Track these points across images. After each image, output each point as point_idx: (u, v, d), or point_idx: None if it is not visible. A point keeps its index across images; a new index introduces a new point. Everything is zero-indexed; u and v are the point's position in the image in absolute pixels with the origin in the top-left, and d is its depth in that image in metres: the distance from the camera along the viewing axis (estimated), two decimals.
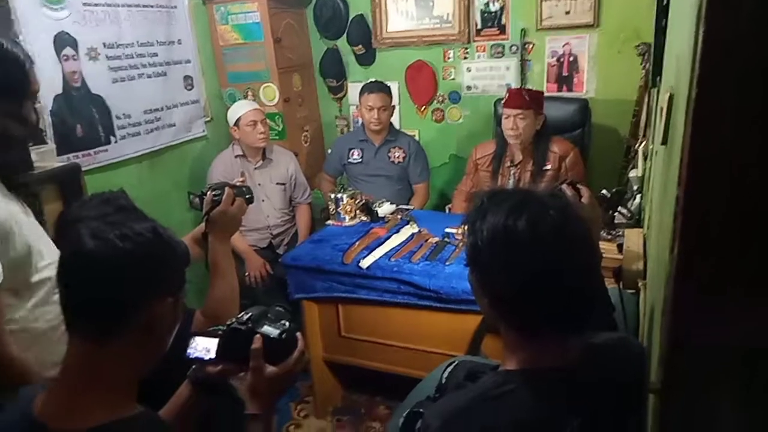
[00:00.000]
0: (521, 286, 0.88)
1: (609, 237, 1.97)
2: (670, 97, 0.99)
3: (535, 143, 2.45)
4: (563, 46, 2.92)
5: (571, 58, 2.92)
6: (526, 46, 3.00)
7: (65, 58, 2.34)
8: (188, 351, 1.06)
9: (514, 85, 3.02)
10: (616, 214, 1.97)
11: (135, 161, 2.71)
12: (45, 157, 2.09)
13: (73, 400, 0.87)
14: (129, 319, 0.86)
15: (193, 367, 1.11)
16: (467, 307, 1.89)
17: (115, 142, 2.57)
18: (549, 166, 2.44)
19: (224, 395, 1.25)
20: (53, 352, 1.15)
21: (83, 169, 2.13)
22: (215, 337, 1.06)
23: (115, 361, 0.87)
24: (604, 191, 1.87)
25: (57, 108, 2.30)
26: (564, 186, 1.22)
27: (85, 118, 2.42)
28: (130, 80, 2.64)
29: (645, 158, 2.18)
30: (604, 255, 1.75)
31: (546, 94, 2.64)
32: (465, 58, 3.17)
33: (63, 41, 2.33)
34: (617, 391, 0.95)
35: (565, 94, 2.96)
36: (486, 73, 3.14)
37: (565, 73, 2.95)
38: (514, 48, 3.03)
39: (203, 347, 1.06)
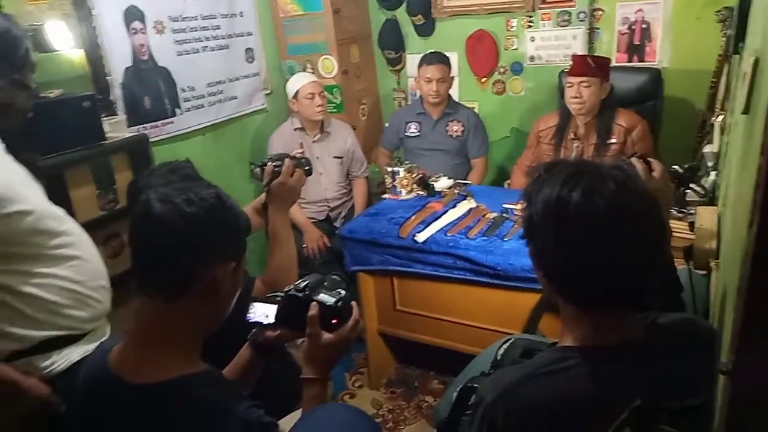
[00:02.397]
0: (575, 260, 0.85)
1: (680, 215, 1.87)
2: (755, 62, 0.91)
3: (600, 115, 2.35)
4: (635, 12, 2.76)
5: (644, 26, 2.75)
6: (595, 13, 2.85)
7: (134, 31, 2.42)
8: (248, 315, 1.10)
9: (580, 53, 2.88)
10: (688, 191, 1.86)
11: (199, 133, 2.80)
12: (116, 128, 2.20)
13: (144, 355, 0.92)
14: (193, 280, 0.90)
15: (254, 330, 1.15)
16: (525, 285, 1.85)
17: (180, 114, 2.66)
18: (614, 140, 2.33)
19: (282, 359, 1.30)
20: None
21: (150, 140, 2.23)
22: (274, 303, 1.09)
23: (182, 320, 0.92)
24: (675, 167, 1.77)
25: (126, 80, 2.40)
26: (634, 159, 1.16)
27: (152, 90, 2.52)
28: (194, 53, 2.71)
29: (722, 133, 2.04)
30: (673, 234, 1.67)
31: (615, 63, 2.50)
32: (529, 27, 3.05)
33: (132, 14, 2.41)
34: (683, 372, 0.91)
35: (635, 64, 2.80)
36: (551, 43, 3.01)
37: (636, 42, 2.79)
38: (581, 15, 2.88)
39: (262, 312, 1.10)
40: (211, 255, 0.92)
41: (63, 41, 2.14)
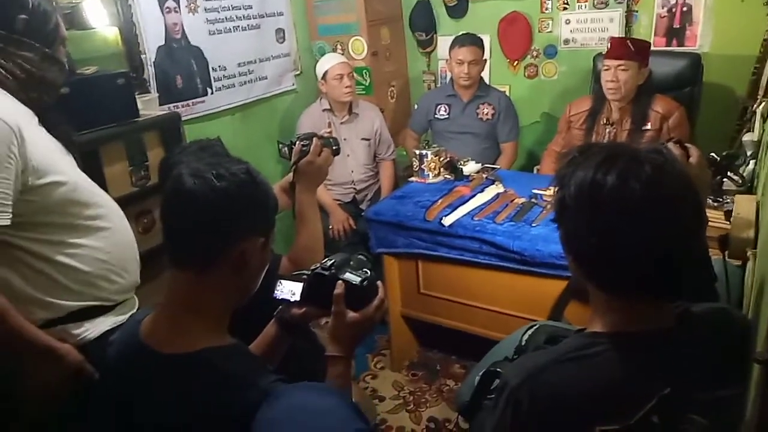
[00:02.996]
0: (608, 245, 0.83)
1: (716, 204, 1.81)
2: None
3: (636, 101, 2.28)
4: None
5: (685, 9, 2.66)
6: None
7: (167, 10, 2.45)
8: (275, 292, 1.11)
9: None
10: (725, 179, 1.80)
11: (229, 113, 2.83)
12: (149, 106, 2.23)
13: (173, 326, 0.94)
14: (223, 253, 0.92)
15: (280, 307, 1.16)
16: (552, 272, 1.83)
17: (212, 93, 2.69)
18: (649, 126, 2.27)
19: (307, 336, 1.32)
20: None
21: (182, 118, 2.25)
22: (300, 281, 1.10)
23: (211, 292, 0.94)
24: (712, 154, 1.72)
25: (159, 59, 2.43)
26: (670, 144, 1.13)
27: (184, 69, 2.54)
28: (226, 33, 2.73)
29: (764, 120, 1.97)
30: (709, 223, 1.63)
31: (653, 48, 2.43)
32: (564, 9, 2.97)
33: None
34: (714, 362, 0.89)
35: (674, 48, 2.71)
36: (586, 26, 2.94)
37: (676, 25, 2.70)
38: None
39: (289, 290, 1.11)
40: (240, 229, 0.93)
41: (99, 19, 2.18)
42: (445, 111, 2.93)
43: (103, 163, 1.84)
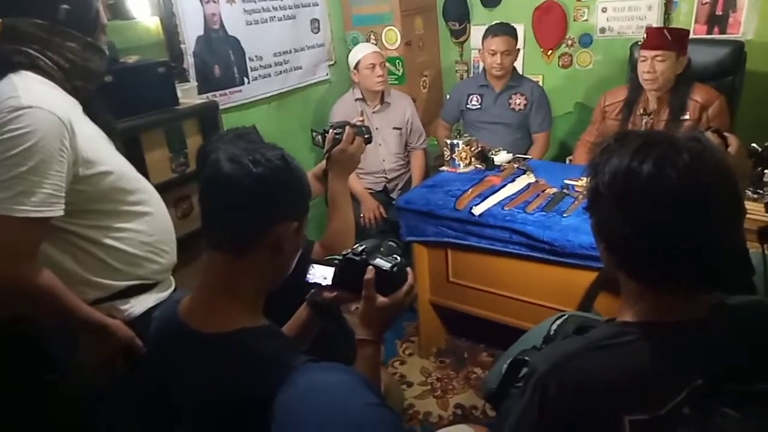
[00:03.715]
0: (641, 234, 0.82)
1: (755, 196, 1.77)
2: None
3: (674, 90, 2.23)
4: None
5: None
6: None
7: (206, 0, 2.50)
8: (308, 276, 1.14)
9: (657, 25, 2.73)
10: (766, 170, 1.76)
11: (265, 102, 2.88)
12: (188, 94, 2.30)
13: (210, 307, 0.98)
14: (259, 237, 0.95)
15: (312, 291, 1.19)
16: (582, 262, 1.82)
17: (248, 83, 2.74)
18: (687, 116, 2.21)
19: (337, 320, 1.35)
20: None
21: (220, 107, 2.31)
22: (332, 265, 1.12)
23: (247, 274, 0.97)
24: (753, 145, 1.67)
25: (198, 49, 2.49)
26: (708, 132, 1.11)
27: (222, 59, 2.60)
28: (263, 23, 2.77)
29: None
30: (747, 214, 1.59)
31: (693, 36, 2.36)
32: None
33: None
34: (749, 355, 0.87)
35: (716, 36, 2.63)
36: (624, 14, 2.88)
37: (718, 12, 2.62)
38: None
39: (321, 274, 1.13)
40: (275, 213, 0.96)
41: (141, 9, 2.24)
42: (477, 101, 2.92)
43: (144, 150, 1.91)
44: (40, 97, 1.08)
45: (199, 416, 1.00)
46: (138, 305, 1.30)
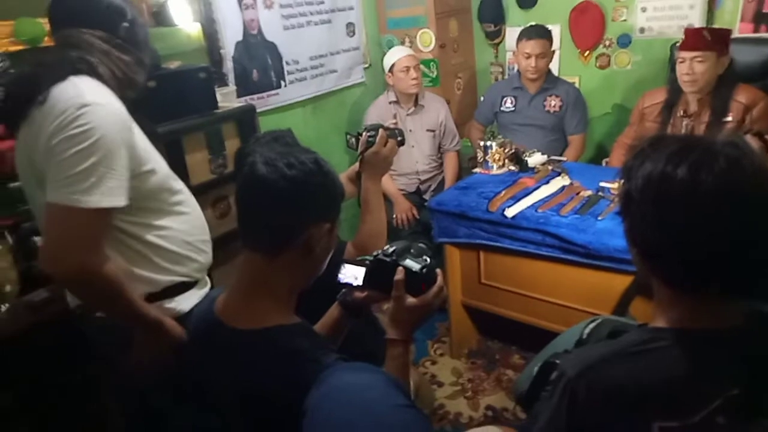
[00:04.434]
0: (675, 240, 0.81)
1: None
2: None
3: (716, 91, 2.17)
4: None
5: None
6: None
7: (245, 6, 2.57)
8: (339, 276, 1.17)
9: (698, 25, 2.67)
10: None
11: (300, 105, 2.93)
12: (227, 98, 2.37)
13: (245, 304, 1.02)
14: (292, 237, 0.98)
15: (343, 291, 1.22)
16: (617, 266, 1.79)
17: (285, 86, 2.80)
18: (730, 118, 2.15)
19: (368, 319, 1.37)
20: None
21: (257, 110, 2.37)
22: (363, 266, 1.14)
23: (280, 274, 1.01)
24: None
25: (237, 54, 2.56)
26: (748, 136, 1.08)
27: (260, 63, 2.67)
28: (300, 27, 2.83)
29: None
30: None
31: (738, 35, 2.29)
32: None
33: None
34: None
35: (762, 35, 2.55)
36: (664, 13, 2.81)
37: (765, 10, 2.53)
38: None
39: (352, 274, 1.16)
40: (308, 215, 0.99)
41: (183, 16, 2.32)
42: (512, 103, 2.90)
43: (185, 152, 1.97)
44: (102, 96, 1.16)
45: (232, 410, 1.03)
46: (183, 302, 1.35)
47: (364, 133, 1.54)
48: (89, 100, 1.12)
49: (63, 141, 1.09)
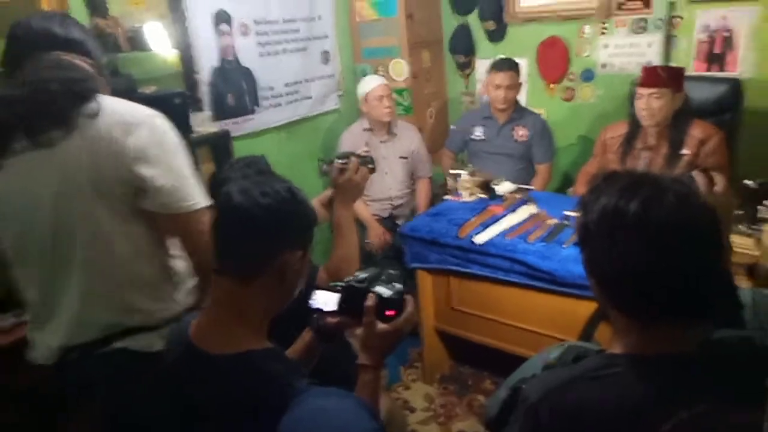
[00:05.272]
0: (628, 270, 0.86)
1: (749, 231, 1.81)
2: None
3: (673, 125, 2.29)
4: (718, 20, 2.66)
5: (726, 34, 2.65)
6: (673, 20, 2.77)
7: (221, 33, 2.61)
8: (311, 301, 1.18)
9: (656, 62, 2.81)
10: (760, 207, 1.80)
11: (275, 130, 2.96)
12: (202, 123, 2.38)
13: (218, 329, 1.03)
14: (266, 263, 1.00)
15: (315, 316, 1.23)
16: (582, 292, 1.85)
17: (259, 111, 2.83)
18: (686, 151, 2.26)
19: (339, 345, 1.38)
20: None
21: (232, 135, 2.39)
22: (335, 291, 1.15)
23: (253, 299, 1.02)
24: (748, 182, 1.72)
25: (213, 79, 2.59)
26: (695, 172, 1.15)
27: (235, 88, 2.69)
28: (275, 54, 2.88)
29: None
30: (740, 251, 1.63)
31: (693, 73, 2.42)
32: (603, 33, 3.00)
33: (220, 17, 2.60)
34: (734, 388, 0.90)
35: (714, 73, 2.70)
36: (625, 50, 2.96)
37: (717, 50, 2.69)
38: (658, 23, 2.81)
39: (323, 300, 1.17)
40: (282, 242, 1.01)
41: (159, 41, 2.34)
42: (481, 132, 2.99)
43: None
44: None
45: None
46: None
47: (336, 161, 1.57)
48: (153, 111, 1.19)
49: (166, 150, 1.18)
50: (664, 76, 2.21)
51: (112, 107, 1.16)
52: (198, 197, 1.22)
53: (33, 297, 1.26)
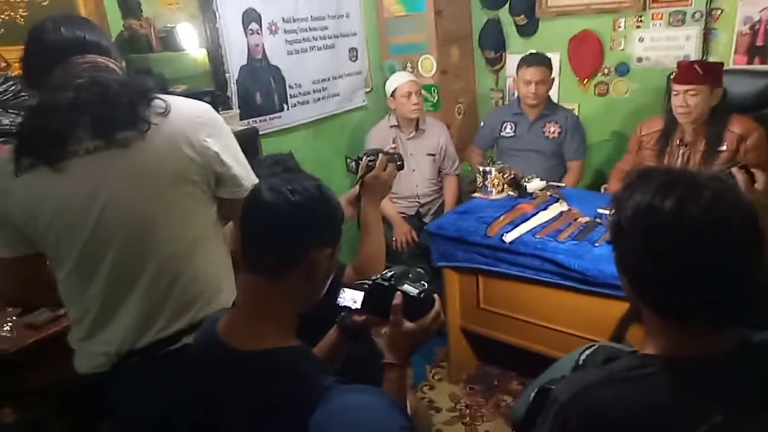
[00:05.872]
0: (662, 269, 0.84)
1: None
2: None
3: (710, 121, 2.21)
4: (760, 11, 2.56)
5: None
6: (713, 12, 2.68)
7: (251, 32, 2.63)
8: (338, 300, 1.18)
9: (694, 56, 2.73)
10: None
11: (303, 127, 2.98)
12: (231, 121, 2.40)
13: (247, 326, 1.04)
14: (295, 261, 1.00)
15: (342, 314, 1.23)
16: (614, 292, 1.81)
17: (287, 109, 2.85)
18: (724, 147, 2.19)
19: (366, 343, 1.38)
20: None
21: (260, 133, 2.41)
22: (361, 290, 1.15)
23: (282, 296, 1.02)
24: None
25: (241, 78, 2.62)
26: (734, 169, 1.12)
27: (264, 87, 2.72)
28: (303, 52, 2.89)
29: None
30: None
31: (732, 66, 2.33)
32: (638, 27, 2.92)
33: (250, 16, 2.62)
34: None
35: (756, 66, 2.60)
36: (661, 44, 2.87)
37: (759, 43, 2.59)
38: (697, 15, 2.72)
39: (351, 298, 1.17)
40: (311, 240, 1.01)
41: (190, 41, 2.38)
42: (511, 129, 2.95)
43: None
44: None
45: (236, 428, 1.04)
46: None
47: (364, 158, 1.56)
48: (205, 104, 1.26)
49: (229, 139, 1.28)
50: (700, 73, 2.14)
51: (176, 103, 1.20)
52: (255, 179, 1.29)
53: (88, 304, 1.20)
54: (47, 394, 1.56)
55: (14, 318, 1.62)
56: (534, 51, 2.90)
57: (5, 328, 1.56)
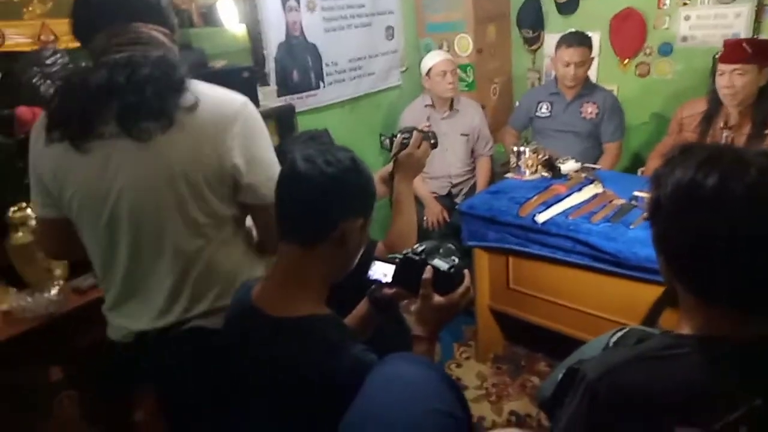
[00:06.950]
0: (702, 248, 0.81)
1: None
2: None
3: (757, 103, 2.13)
4: None
5: None
6: None
7: (289, 9, 2.65)
8: (369, 273, 1.21)
9: (744, 35, 2.62)
10: None
11: (338, 106, 3.00)
12: (268, 97, 2.44)
13: (281, 293, 1.07)
14: (327, 231, 1.03)
15: (372, 287, 1.26)
16: (647, 276, 1.78)
17: (323, 87, 2.87)
18: None
19: (395, 316, 1.41)
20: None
21: (296, 110, 2.44)
22: (392, 263, 1.17)
23: (315, 265, 1.05)
24: None
25: (279, 55, 2.64)
26: None
27: (300, 64, 2.74)
28: (340, 30, 2.89)
29: None
30: None
31: None
32: (685, 4, 2.82)
33: None
34: None
35: None
36: (709, 22, 2.76)
37: None
38: None
39: (381, 271, 1.19)
40: (343, 210, 1.03)
41: (230, 17, 2.41)
42: (547, 109, 2.90)
43: None
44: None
45: (265, 394, 1.08)
46: None
47: (398, 135, 1.57)
48: (243, 98, 1.21)
49: (261, 142, 1.23)
50: (749, 51, 2.05)
51: (208, 97, 1.15)
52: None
53: (113, 281, 1.26)
54: (91, 355, 1.64)
55: (61, 282, 1.70)
56: (574, 30, 2.83)
57: (53, 292, 1.64)
